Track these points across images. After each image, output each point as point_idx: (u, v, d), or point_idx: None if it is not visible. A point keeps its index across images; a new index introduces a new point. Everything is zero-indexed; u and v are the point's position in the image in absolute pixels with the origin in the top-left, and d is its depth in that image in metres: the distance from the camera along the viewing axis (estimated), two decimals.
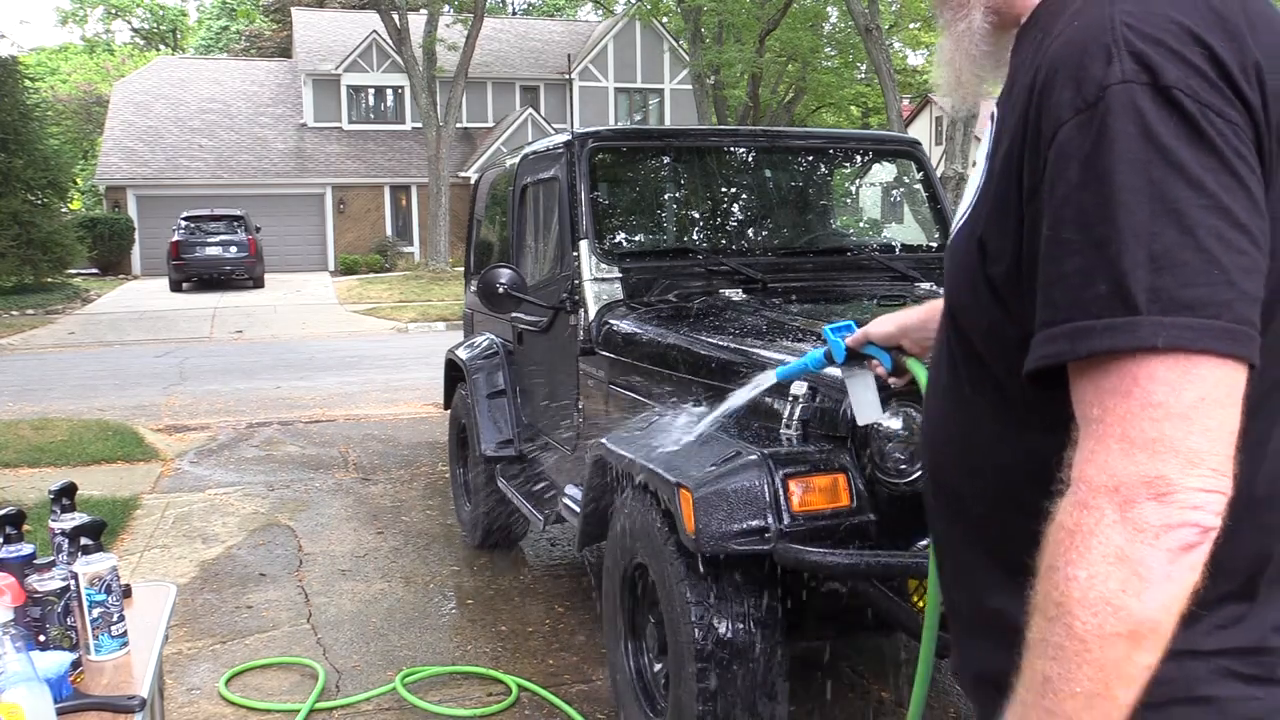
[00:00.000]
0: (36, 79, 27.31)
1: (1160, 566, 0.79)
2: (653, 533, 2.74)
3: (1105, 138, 0.83)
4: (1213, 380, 0.80)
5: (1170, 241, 0.80)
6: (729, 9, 22.11)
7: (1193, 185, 0.81)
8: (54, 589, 1.96)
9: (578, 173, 3.83)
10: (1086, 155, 0.84)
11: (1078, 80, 0.86)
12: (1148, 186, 0.81)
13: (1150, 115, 0.82)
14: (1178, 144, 0.81)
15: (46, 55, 50.59)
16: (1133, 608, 0.80)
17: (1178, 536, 0.79)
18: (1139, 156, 0.82)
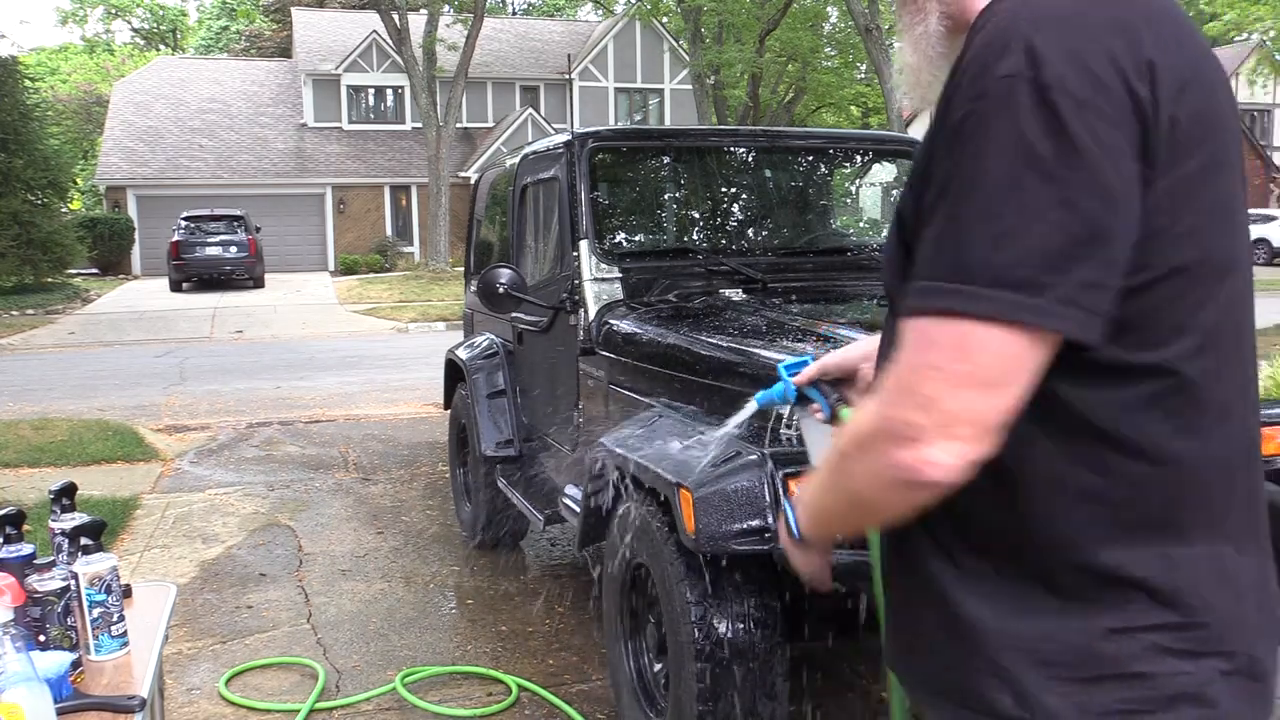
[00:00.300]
0: (36, 79, 27.31)
1: (886, 489, 0.98)
2: (653, 533, 2.74)
3: (984, 125, 0.91)
4: (1020, 349, 0.90)
5: (1011, 225, 0.89)
6: (729, 9, 22.11)
7: (1047, 178, 0.88)
8: (54, 589, 1.96)
9: (578, 173, 3.83)
10: (966, 139, 0.93)
11: (977, 73, 0.94)
12: (1007, 174, 0.89)
13: (1025, 108, 0.89)
14: (1043, 138, 0.88)
15: (46, 55, 50.59)
16: (864, 494, 1.02)
17: (908, 476, 0.94)
18: (1006, 146, 0.90)
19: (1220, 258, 0.98)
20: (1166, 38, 0.94)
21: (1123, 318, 0.93)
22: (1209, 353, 0.98)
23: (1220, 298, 0.99)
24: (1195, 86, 0.95)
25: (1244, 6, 17.02)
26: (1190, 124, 0.93)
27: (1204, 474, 1.00)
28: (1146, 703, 0.99)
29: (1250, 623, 1.04)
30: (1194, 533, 1.00)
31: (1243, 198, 1.05)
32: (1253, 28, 18.65)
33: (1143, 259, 0.93)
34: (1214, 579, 1.01)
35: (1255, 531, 1.07)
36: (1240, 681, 1.02)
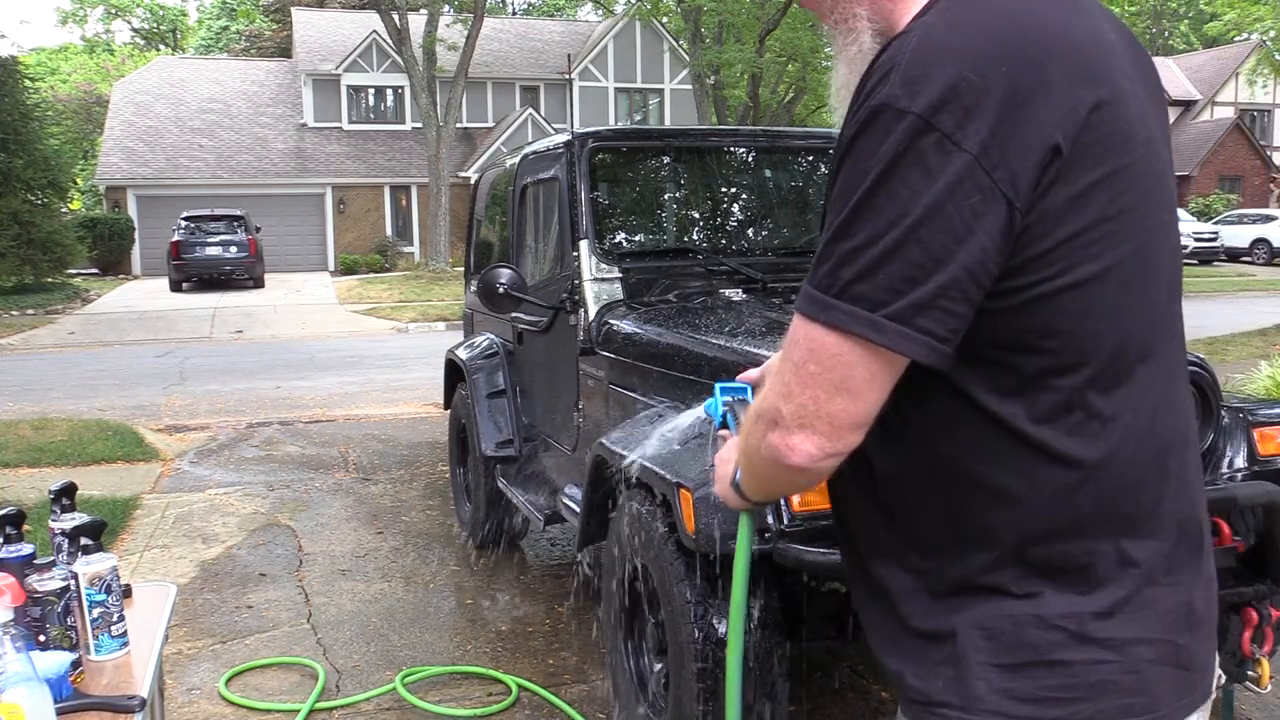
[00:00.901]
0: (36, 79, 27.29)
1: (767, 465, 1.07)
2: (653, 533, 2.74)
3: (855, 146, 0.98)
4: (854, 359, 0.96)
5: (856, 245, 0.95)
6: (729, 9, 22.08)
7: (895, 202, 0.93)
8: (54, 589, 1.96)
9: (578, 173, 3.83)
10: (845, 157, 0.99)
11: (864, 97, 0.99)
12: (861, 197, 0.95)
13: (891, 136, 0.93)
14: (898, 166, 0.93)
15: (46, 55, 50.59)
16: (756, 466, 1.10)
17: (777, 456, 1.03)
18: (868, 168, 0.95)
19: (1118, 273, 1.00)
20: (1058, 69, 0.95)
21: (1011, 333, 0.98)
22: (1109, 362, 1.01)
23: (1121, 312, 1.01)
24: (1098, 95, 0.96)
25: (1244, 6, 17.01)
26: (1078, 149, 0.95)
27: (1119, 476, 1.03)
28: (1070, 690, 1.02)
29: (1179, 612, 1.07)
30: (1114, 528, 1.04)
31: (1163, 200, 1.06)
32: (1253, 28, 18.63)
33: (1018, 280, 0.96)
34: (1138, 570, 1.05)
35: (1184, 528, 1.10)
36: (1167, 670, 1.05)
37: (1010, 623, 1.03)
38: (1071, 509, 1.02)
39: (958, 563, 1.06)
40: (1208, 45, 42.12)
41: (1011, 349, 0.99)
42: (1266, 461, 2.85)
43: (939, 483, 1.06)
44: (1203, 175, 35.71)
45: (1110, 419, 1.02)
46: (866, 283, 0.95)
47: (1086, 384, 1.00)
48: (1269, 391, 6.93)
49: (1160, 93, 1.14)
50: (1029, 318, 0.98)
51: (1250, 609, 2.53)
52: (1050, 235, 0.95)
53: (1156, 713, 1.05)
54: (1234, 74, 37.26)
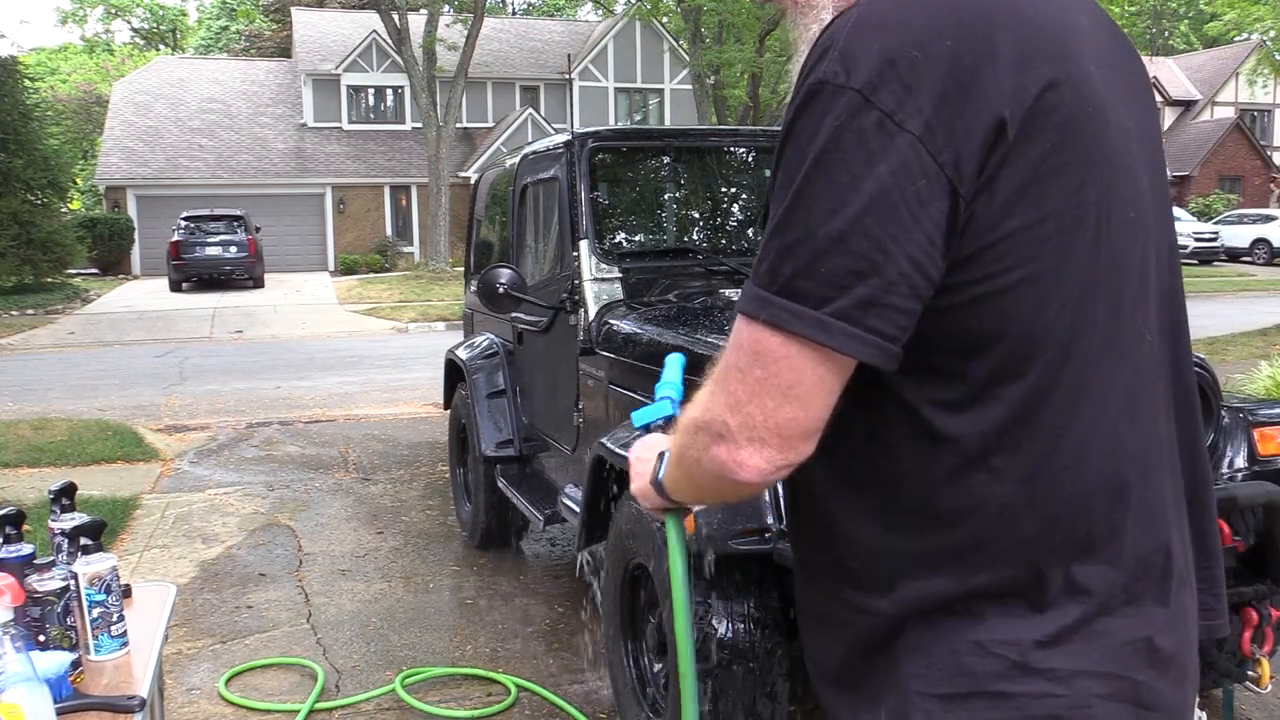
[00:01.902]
0: (36, 79, 27.28)
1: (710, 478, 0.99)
2: (653, 533, 2.74)
3: (793, 129, 0.90)
4: (801, 362, 0.88)
5: (796, 237, 0.87)
6: (729, 9, 22.09)
7: (833, 193, 0.85)
8: (54, 589, 1.96)
9: (578, 173, 3.83)
10: (781, 145, 0.92)
11: (803, 77, 0.91)
12: (799, 185, 0.87)
13: (828, 115, 0.85)
14: (835, 148, 0.85)
15: (46, 55, 50.59)
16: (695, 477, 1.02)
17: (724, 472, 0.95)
18: (805, 153, 0.87)
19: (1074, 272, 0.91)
20: (1007, 43, 0.87)
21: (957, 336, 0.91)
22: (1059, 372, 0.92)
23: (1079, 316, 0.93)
24: (1054, 73, 0.88)
25: (1244, 6, 17.01)
26: (1028, 130, 0.87)
27: (1066, 497, 0.94)
28: None
29: (1137, 647, 0.97)
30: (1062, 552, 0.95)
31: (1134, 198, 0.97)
32: (1253, 28, 18.63)
33: (966, 274, 0.89)
34: (1089, 598, 0.96)
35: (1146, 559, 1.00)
36: (1123, 708, 0.96)
37: (948, 649, 0.96)
38: (1016, 529, 0.94)
39: (898, 583, 0.98)
40: (1208, 45, 42.12)
41: (957, 354, 0.91)
42: (1266, 461, 2.85)
43: (875, 499, 0.99)
44: (1203, 175, 35.70)
45: (1059, 435, 0.93)
46: (808, 278, 0.87)
47: (1035, 395, 0.92)
48: (1269, 391, 6.93)
49: (1144, 91, 1.07)
50: (977, 318, 0.90)
51: (1250, 609, 2.53)
52: (999, 225, 0.87)
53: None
54: (1234, 74, 37.26)
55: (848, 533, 1.01)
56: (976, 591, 0.95)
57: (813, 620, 1.12)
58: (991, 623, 0.95)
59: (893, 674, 0.99)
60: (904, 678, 0.98)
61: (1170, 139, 36.40)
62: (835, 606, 1.05)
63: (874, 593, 1.00)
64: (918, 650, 0.98)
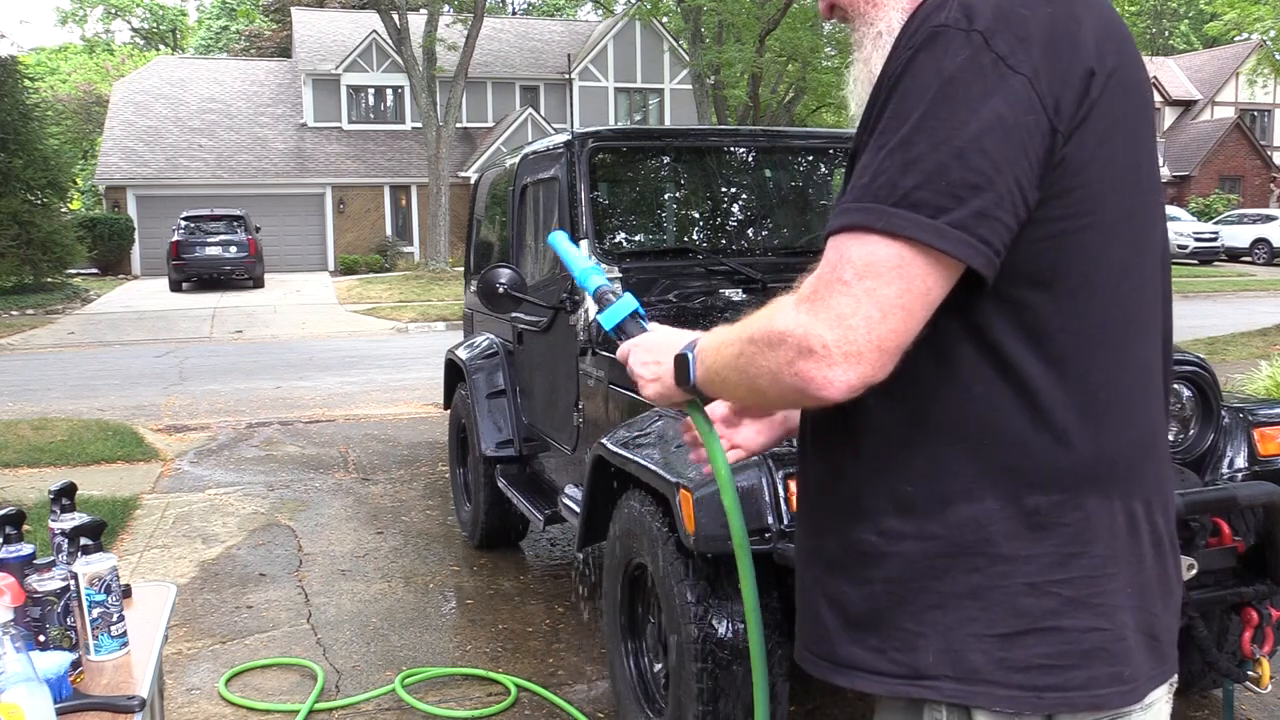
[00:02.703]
0: (36, 79, 27.28)
1: (784, 390, 1.03)
2: (653, 533, 2.74)
3: (913, 65, 0.99)
4: (914, 270, 0.95)
5: (920, 153, 0.95)
6: (729, 9, 22.07)
7: (956, 115, 0.95)
8: (54, 589, 1.96)
9: (578, 173, 3.83)
10: (898, 80, 1.00)
11: (917, 27, 1.02)
12: (925, 108, 0.96)
13: (950, 52, 0.97)
14: (959, 80, 0.96)
15: (46, 55, 50.60)
16: (762, 386, 1.07)
17: (807, 388, 1.00)
18: (929, 83, 0.97)
19: (1120, 217, 1.04)
20: (1093, 14, 1.02)
21: (1034, 267, 1.00)
22: (1111, 314, 1.04)
23: (1117, 253, 1.04)
24: (1117, 61, 1.02)
25: (1244, 6, 17.00)
26: (1105, 97, 1.00)
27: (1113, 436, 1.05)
28: (1065, 657, 1.02)
29: (1159, 581, 1.09)
30: (1107, 487, 1.05)
31: (1150, 170, 1.10)
32: (1252, 28, 18.62)
33: (1052, 210, 0.99)
34: (1124, 536, 1.06)
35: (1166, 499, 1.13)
36: (1144, 639, 1.07)
37: (1002, 592, 1.02)
38: (1065, 459, 1.02)
39: (950, 505, 1.03)
40: (1208, 45, 42.12)
41: (1029, 284, 1.00)
42: (1266, 461, 2.85)
43: (938, 421, 1.04)
44: (1203, 175, 35.70)
45: (1108, 374, 1.04)
46: (929, 189, 0.95)
47: (1090, 334, 1.02)
48: (1269, 391, 6.93)
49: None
50: (1052, 252, 1.00)
51: (1250, 609, 2.53)
52: (1084, 171, 0.99)
53: (1137, 683, 1.06)
54: (1234, 74, 37.25)
55: (904, 459, 1.06)
56: (1027, 511, 1.01)
57: (844, 560, 1.13)
58: (1042, 559, 1.02)
59: (935, 615, 1.04)
60: (955, 621, 1.03)
61: (1170, 139, 36.41)
62: (877, 541, 1.08)
63: (926, 516, 1.05)
64: (971, 595, 1.03)
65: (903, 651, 1.06)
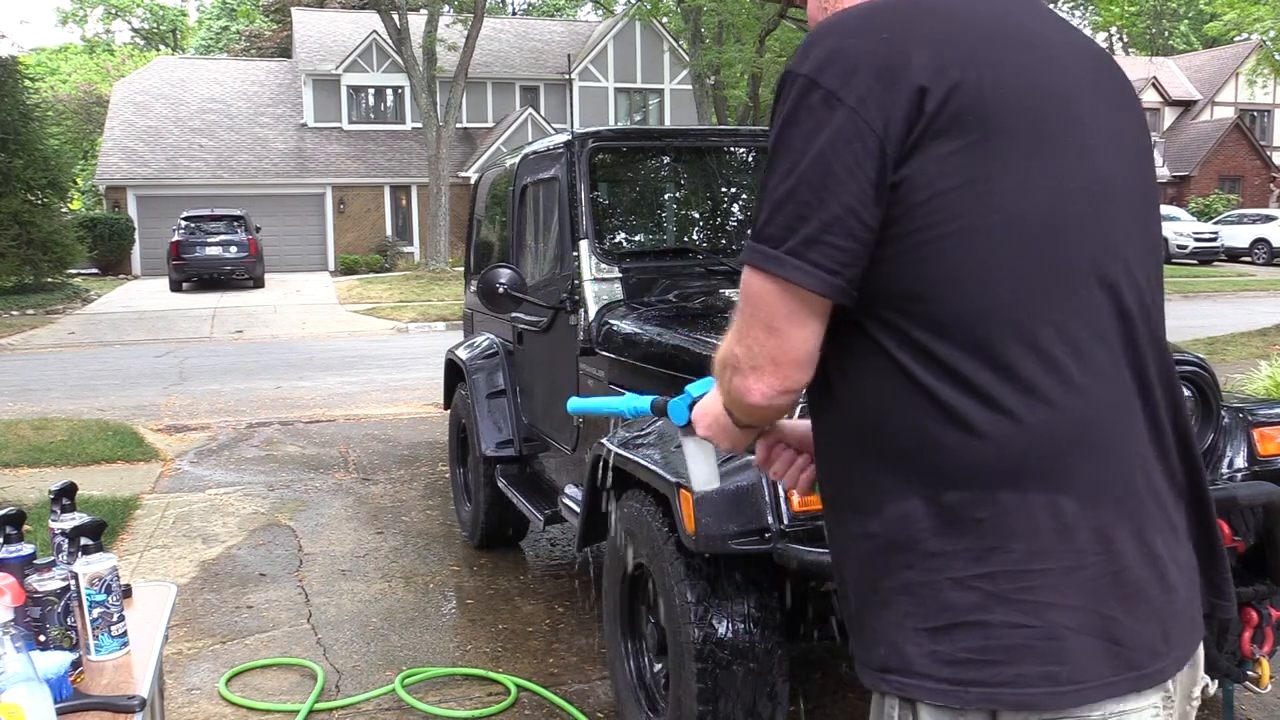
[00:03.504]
0: (36, 79, 27.28)
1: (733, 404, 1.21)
2: (653, 533, 2.74)
3: (773, 112, 1.11)
4: (771, 296, 1.08)
5: (769, 193, 1.08)
6: (729, 9, 22.08)
7: (792, 153, 1.06)
8: (54, 589, 1.96)
9: (578, 173, 3.83)
10: (769, 125, 1.12)
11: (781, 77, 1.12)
12: (772, 151, 1.09)
13: (789, 96, 1.07)
14: (793, 119, 1.06)
15: (46, 55, 50.60)
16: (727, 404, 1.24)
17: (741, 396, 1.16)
18: (780, 129, 1.08)
19: (1012, 221, 1.05)
20: (944, 29, 1.06)
21: (901, 283, 1.06)
22: (1002, 319, 1.05)
23: (1003, 256, 1.05)
24: (976, 73, 1.04)
25: (1244, 7, 17.00)
26: (943, 116, 1.03)
27: (1033, 435, 1.05)
28: (989, 652, 1.04)
29: (1106, 582, 1.05)
30: (1031, 484, 1.05)
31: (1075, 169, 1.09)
32: (1252, 28, 18.61)
33: (901, 227, 1.05)
34: (1049, 533, 1.05)
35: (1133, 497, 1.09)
36: (1092, 642, 1.04)
37: (931, 587, 1.07)
38: (975, 458, 1.05)
39: (884, 504, 1.11)
40: (1208, 45, 42.12)
41: (905, 299, 1.06)
42: (1266, 461, 2.85)
43: (863, 429, 1.13)
44: (1203, 175, 35.70)
45: (1015, 377, 1.05)
46: (774, 224, 1.08)
47: (978, 340, 1.05)
48: (1269, 391, 6.93)
49: (1118, 94, 1.20)
50: (916, 266, 1.05)
51: (1250, 609, 2.53)
52: (927, 188, 1.04)
53: (1081, 684, 1.04)
54: (1234, 74, 37.25)
55: (850, 463, 1.16)
56: (945, 508, 1.06)
57: (837, 562, 1.23)
58: (964, 557, 1.06)
59: (885, 613, 1.11)
60: (897, 615, 1.09)
61: (1170, 139, 36.41)
62: (846, 540, 1.18)
63: (868, 516, 1.13)
64: (906, 590, 1.09)
65: (869, 646, 1.13)
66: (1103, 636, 1.04)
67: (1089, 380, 1.08)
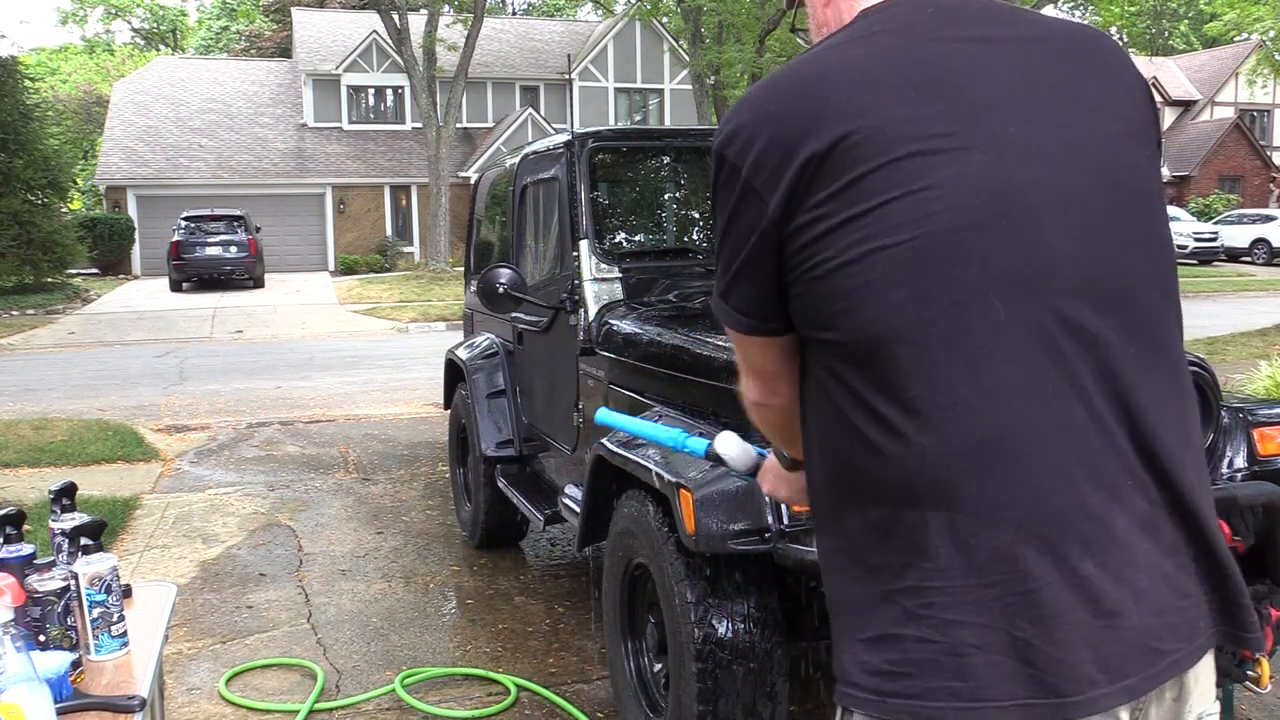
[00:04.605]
0: (36, 79, 27.24)
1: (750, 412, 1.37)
2: (653, 533, 2.74)
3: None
4: (727, 327, 1.26)
5: (718, 247, 1.23)
6: (729, 9, 22.09)
7: (719, 217, 1.20)
8: (54, 589, 1.96)
9: (578, 173, 3.83)
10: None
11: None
12: (715, 218, 1.23)
13: (714, 169, 1.20)
14: (714, 188, 1.21)
15: (46, 55, 50.60)
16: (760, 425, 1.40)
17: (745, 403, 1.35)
18: (711, 197, 1.23)
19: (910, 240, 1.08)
20: (813, 110, 1.12)
21: (811, 313, 1.14)
22: (906, 339, 1.08)
23: (904, 286, 1.08)
24: (838, 143, 1.10)
25: (1244, 7, 17.01)
26: (827, 167, 1.10)
27: (935, 458, 1.06)
28: (903, 665, 1.07)
29: (1019, 603, 1.03)
30: (915, 502, 1.07)
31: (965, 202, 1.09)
32: (1252, 28, 18.62)
33: (801, 262, 1.13)
34: (948, 550, 1.05)
35: (1048, 518, 1.06)
36: (1001, 660, 1.03)
37: (865, 601, 1.12)
38: (889, 478, 1.09)
39: (835, 520, 1.17)
40: (1208, 45, 42.11)
41: (814, 327, 1.14)
42: (1266, 461, 2.85)
43: (813, 449, 1.21)
44: (1203, 175, 35.70)
45: (904, 400, 1.07)
46: (717, 270, 1.24)
47: (882, 365, 1.09)
48: (1269, 391, 6.93)
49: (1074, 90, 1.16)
50: (816, 297, 1.12)
51: None
52: (815, 227, 1.11)
53: (982, 702, 1.02)
54: (1234, 74, 37.25)
55: (814, 481, 1.23)
56: (873, 524, 1.11)
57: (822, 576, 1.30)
58: (895, 572, 1.09)
59: (838, 623, 1.17)
60: (844, 626, 1.15)
61: (1170, 139, 36.39)
62: (820, 555, 1.25)
63: (831, 532, 1.19)
64: (851, 602, 1.14)
65: (835, 656, 1.18)
66: (1014, 656, 1.03)
67: (985, 401, 1.06)
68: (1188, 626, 1.10)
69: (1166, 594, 1.09)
